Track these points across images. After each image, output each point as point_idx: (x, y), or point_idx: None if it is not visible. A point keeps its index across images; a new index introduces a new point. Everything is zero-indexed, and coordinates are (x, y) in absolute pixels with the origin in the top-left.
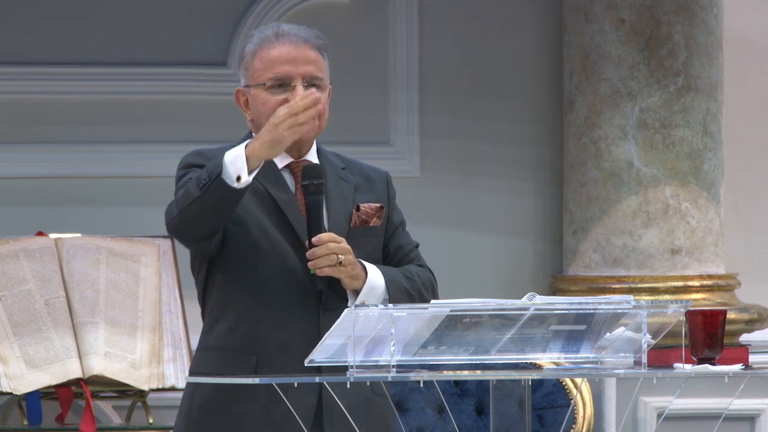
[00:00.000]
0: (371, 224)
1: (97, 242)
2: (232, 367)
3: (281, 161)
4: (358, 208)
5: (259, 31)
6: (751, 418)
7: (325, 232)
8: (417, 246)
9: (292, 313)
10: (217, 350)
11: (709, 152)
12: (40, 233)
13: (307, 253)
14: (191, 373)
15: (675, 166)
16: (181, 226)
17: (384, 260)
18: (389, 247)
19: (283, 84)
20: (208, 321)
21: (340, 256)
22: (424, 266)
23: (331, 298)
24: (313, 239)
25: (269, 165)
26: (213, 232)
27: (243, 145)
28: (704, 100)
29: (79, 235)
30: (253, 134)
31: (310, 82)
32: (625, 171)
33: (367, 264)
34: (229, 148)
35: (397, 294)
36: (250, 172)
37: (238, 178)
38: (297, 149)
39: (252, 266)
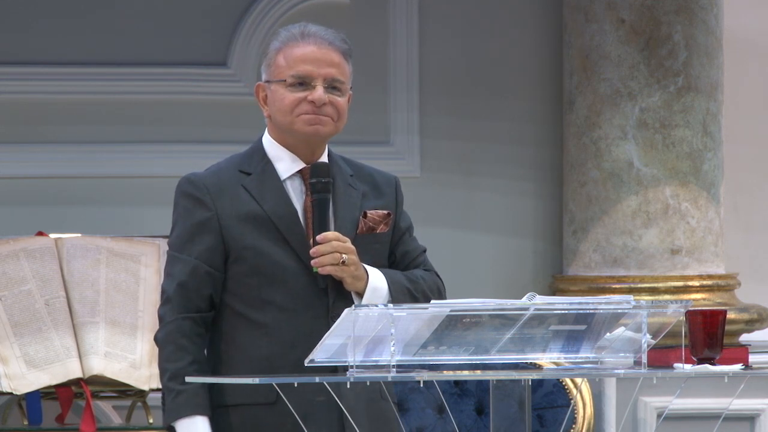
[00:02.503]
0: (378, 231)
1: (97, 242)
2: (253, 394)
3: (291, 168)
4: (365, 215)
5: (285, 29)
6: (751, 418)
7: (331, 230)
8: (424, 251)
9: (303, 330)
10: (245, 377)
11: (709, 152)
12: (40, 233)
13: (311, 251)
14: (216, 407)
15: (675, 166)
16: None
17: (390, 266)
18: (396, 254)
19: (304, 83)
20: (218, 353)
21: (344, 255)
22: (430, 270)
23: (338, 308)
24: (318, 237)
25: (270, 178)
26: None
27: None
28: (704, 100)
29: (79, 235)
30: (268, 131)
31: (331, 84)
32: (625, 171)
33: (368, 267)
34: (223, 165)
35: (400, 296)
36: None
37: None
38: (310, 152)
39: (255, 293)
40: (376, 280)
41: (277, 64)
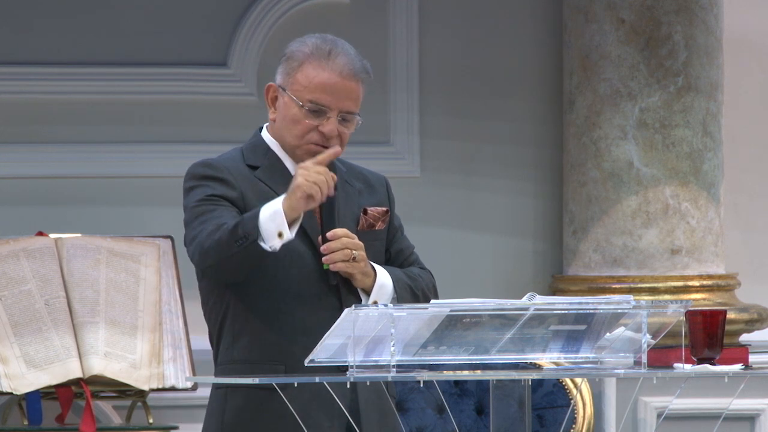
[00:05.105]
0: (377, 228)
1: (97, 242)
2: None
3: (293, 168)
4: (365, 212)
5: (314, 38)
6: (751, 418)
7: (339, 227)
8: (414, 249)
9: (314, 317)
10: (243, 363)
11: (709, 152)
12: (40, 233)
13: (322, 248)
14: (217, 388)
15: (675, 166)
16: (218, 273)
17: (385, 264)
18: (390, 251)
19: (319, 112)
20: (228, 335)
21: (354, 251)
22: (424, 268)
23: (350, 300)
24: (328, 234)
25: (281, 171)
26: (248, 275)
27: (279, 201)
28: (704, 100)
29: (79, 235)
30: (268, 129)
31: (344, 117)
32: (625, 171)
33: (374, 264)
34: (233, 154)
35: (403, 293)
36: (290, 226)
37: (280, 234)
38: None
39: (271, 276)
40: (383, 276)
41: (297, 80)
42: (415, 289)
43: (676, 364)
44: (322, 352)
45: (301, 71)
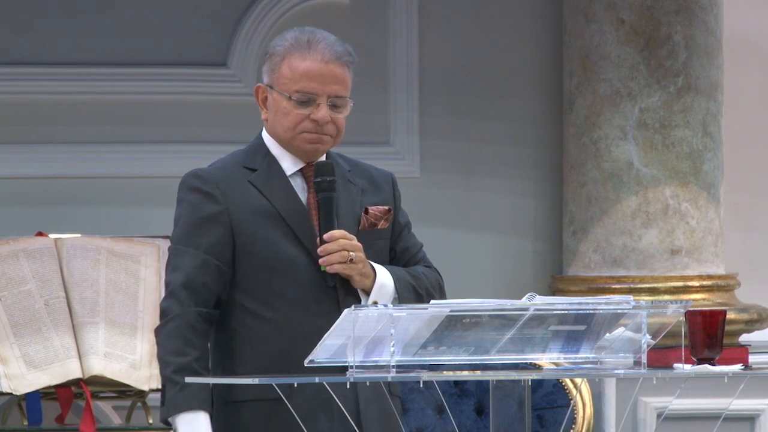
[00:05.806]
0: (379, 227)
1: (97, 242)
2: (264, 388)
3: (293, 166)
4: (366, 211)
5: (291, 32)
6: (751, 418)
7: (337, 229)
8: (422, 247)
9: (314, 325)
10: (245, 377)
11: (709, 152)
12: (40, 233)
13: (319, 250)
14: (223, 404)
15: (675, 167)
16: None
17: (391, 262)
18: (396, 249)
19: (308, 100)
20: (228, 350)
21: (351, 253)
22: (431, 267)
23: (348, 302)
24: (325, 236)
25: (278, 173)
26: None
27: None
28: (704, 100)
29: (79, 235)
30: (266, 131)
31: (334, 103)
32: (625, 171)
33: (374, 264)
34: (227, 161)
35: (405, 293)
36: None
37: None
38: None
39: (267, 288)
40: (383, 277)
41: (282, 74)
42: (418, 288)
43: (676, 365)
44: (322, 353)
45: (285, 64)
